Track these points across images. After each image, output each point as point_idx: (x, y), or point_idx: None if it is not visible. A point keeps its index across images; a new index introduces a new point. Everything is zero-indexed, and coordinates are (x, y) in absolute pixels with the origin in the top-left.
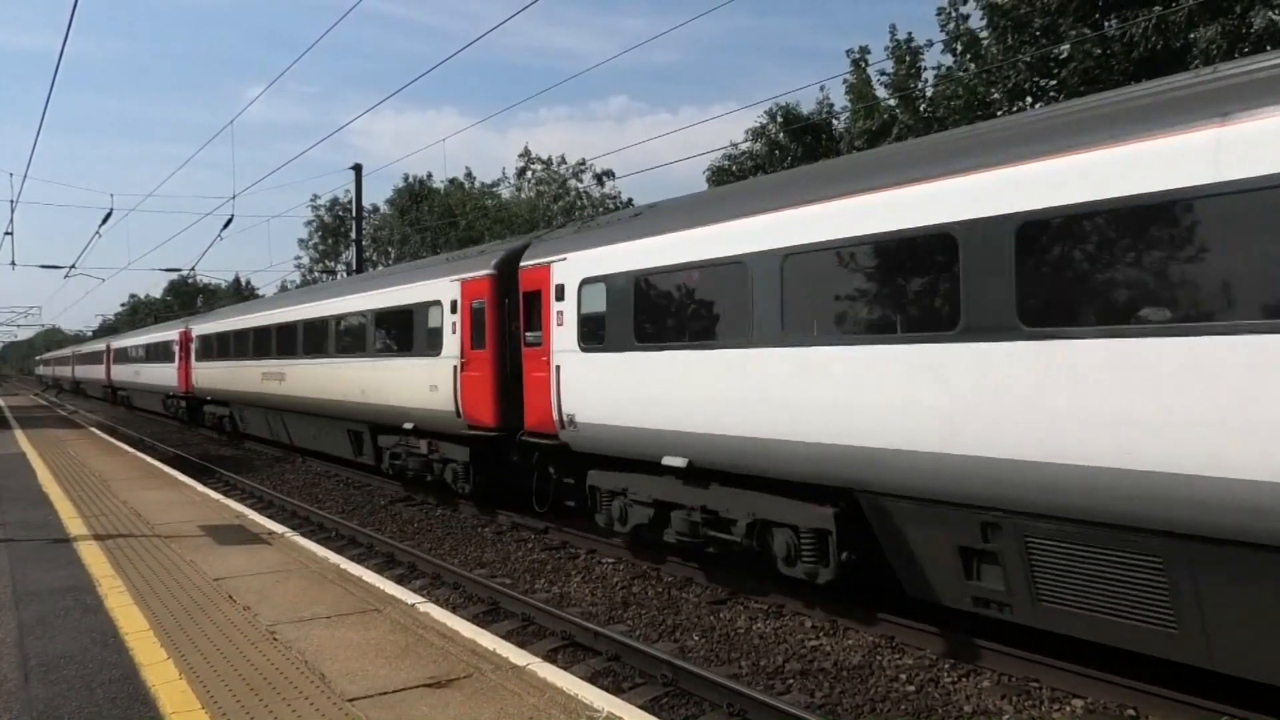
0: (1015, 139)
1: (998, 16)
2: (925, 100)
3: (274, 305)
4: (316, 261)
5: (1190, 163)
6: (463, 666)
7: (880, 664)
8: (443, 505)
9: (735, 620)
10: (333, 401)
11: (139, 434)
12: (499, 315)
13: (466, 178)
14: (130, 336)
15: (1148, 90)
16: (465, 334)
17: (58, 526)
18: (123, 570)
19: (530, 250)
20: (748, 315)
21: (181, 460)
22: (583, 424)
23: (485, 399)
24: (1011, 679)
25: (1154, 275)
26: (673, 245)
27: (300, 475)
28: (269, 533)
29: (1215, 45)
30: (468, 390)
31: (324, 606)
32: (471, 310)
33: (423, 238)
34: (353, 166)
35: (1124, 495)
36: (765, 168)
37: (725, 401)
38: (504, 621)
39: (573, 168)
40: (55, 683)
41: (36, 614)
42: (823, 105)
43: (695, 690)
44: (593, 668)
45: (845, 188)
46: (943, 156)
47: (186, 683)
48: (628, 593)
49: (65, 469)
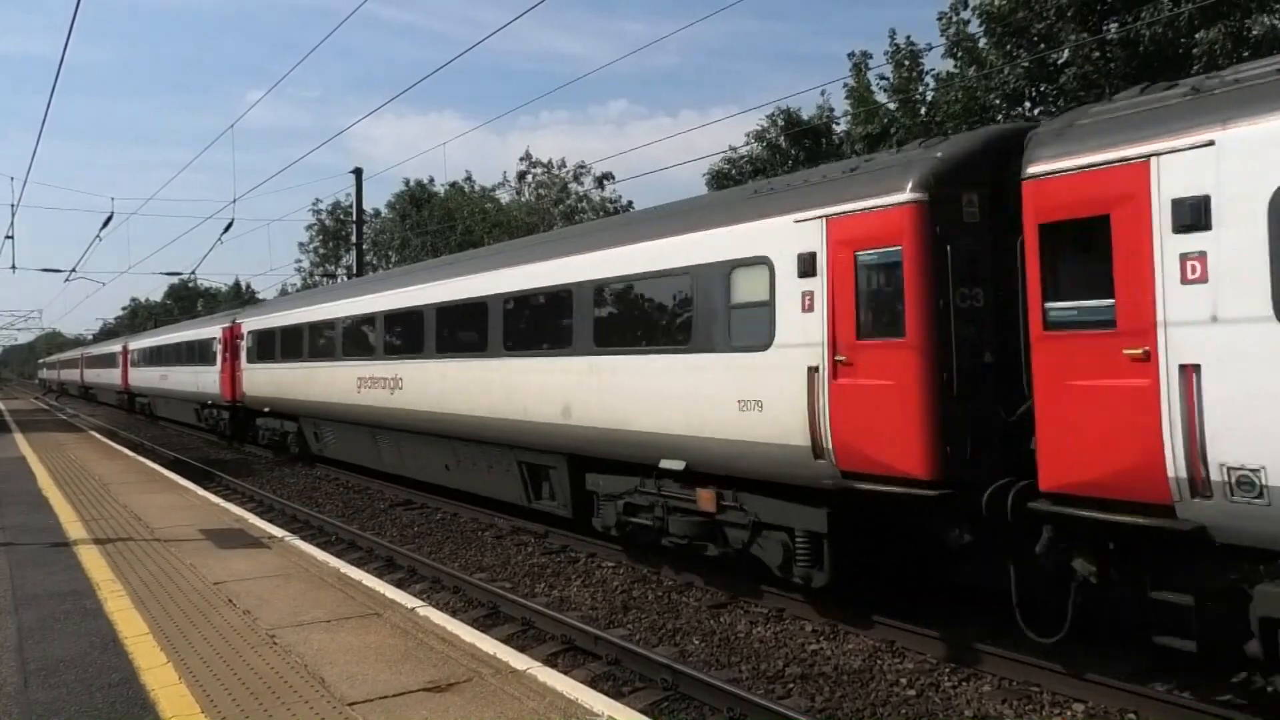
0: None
1: (994, 24)
2: (925, 104)
3: (375, 287)
4: (317, 265)
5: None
6: (463, 671)
7: (880, 668)
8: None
9: (735, 624)
10: (496, 420)
11: (139, 438)
12: (931, 274)
13: (466, 181)
14: (155, 335)
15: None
16: (843, 310)
17: (57, 530)
18: (122, 574)
19: (1053, 142)
20: None
21: (181, 464)
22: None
23: (902, 427)
24: (1012, 683)
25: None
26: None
27: (300, 479)
28: (269, 537)
29: (1218, 47)
30: (851, 411)
31: (324, 610)
32: (860, 270)
33: (423, 241)
34: (353, 170)
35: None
36: (766, 171)
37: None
38: (504, 625)
39: (573, 170)
40: (55, 687)
41: (36, 618)
42: (823, 110)
43: (696, 694)
44: (593, 672)
45: None
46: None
47: (186, 687)
48: (628, 597)
49: (65, 473)
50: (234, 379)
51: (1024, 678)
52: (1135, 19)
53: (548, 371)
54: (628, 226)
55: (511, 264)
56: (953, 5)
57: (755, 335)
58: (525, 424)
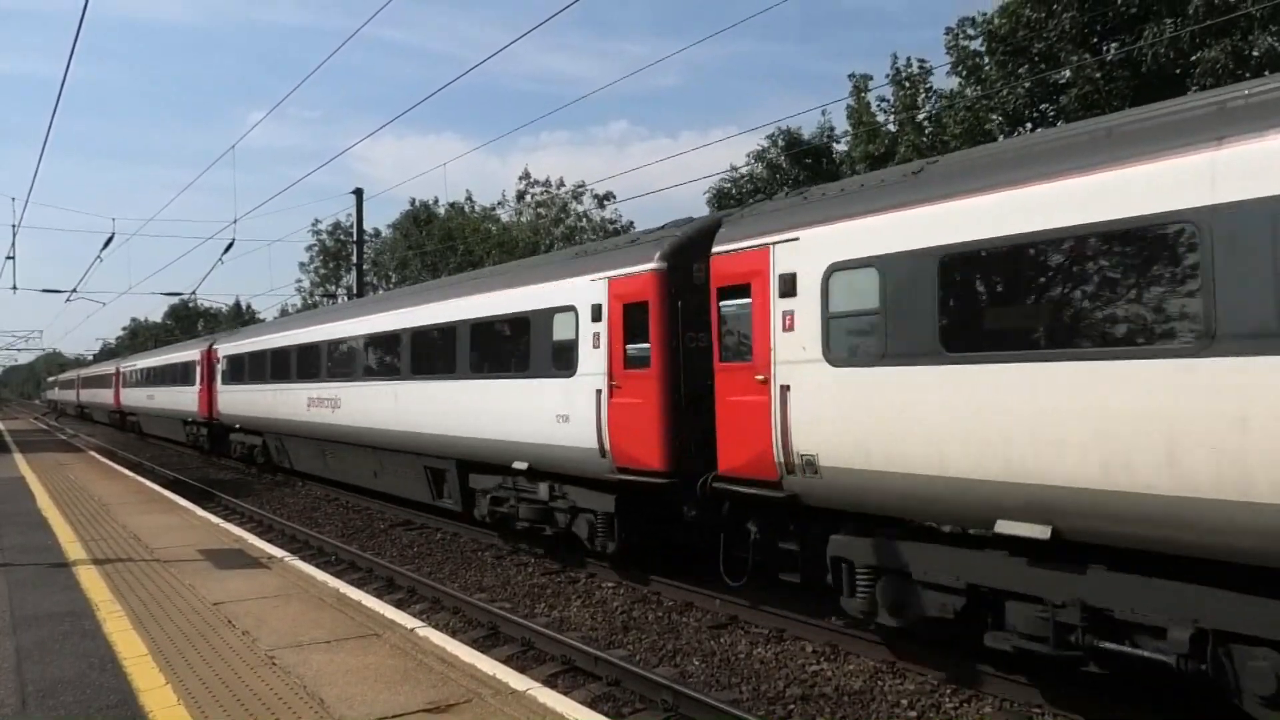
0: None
1: (996, 44)
2: (930, 122)
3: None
4: (317, 285)
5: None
6: (462, 691)
7: (881, 689)
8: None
9: (736, 645)
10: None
11: (138, 457)
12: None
13: (466, 200)
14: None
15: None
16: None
17: (56, 551)
18: (121, 595)
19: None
20: None
21: (181, 484)
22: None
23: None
24: (1013, 705)
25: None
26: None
27: (300, 499)
28: (268, 557)
29: (1219, 67)
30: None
31: (323, 631)
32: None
33: (423, 261)
34: (354, 191)
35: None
36: (766, 190)
37: None
38: (504, 646)
39: (572, 190)
40: (53, 708)
41: (35, 639)
42: (823, 129)
43: (696, 715)
44: (593, 693)
45: None
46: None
47: (185, 708)
48: (628, 617)
49: (64, 493)
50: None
51: (1026, 699)
52: (1136, 39)
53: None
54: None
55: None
56: (959, 23)
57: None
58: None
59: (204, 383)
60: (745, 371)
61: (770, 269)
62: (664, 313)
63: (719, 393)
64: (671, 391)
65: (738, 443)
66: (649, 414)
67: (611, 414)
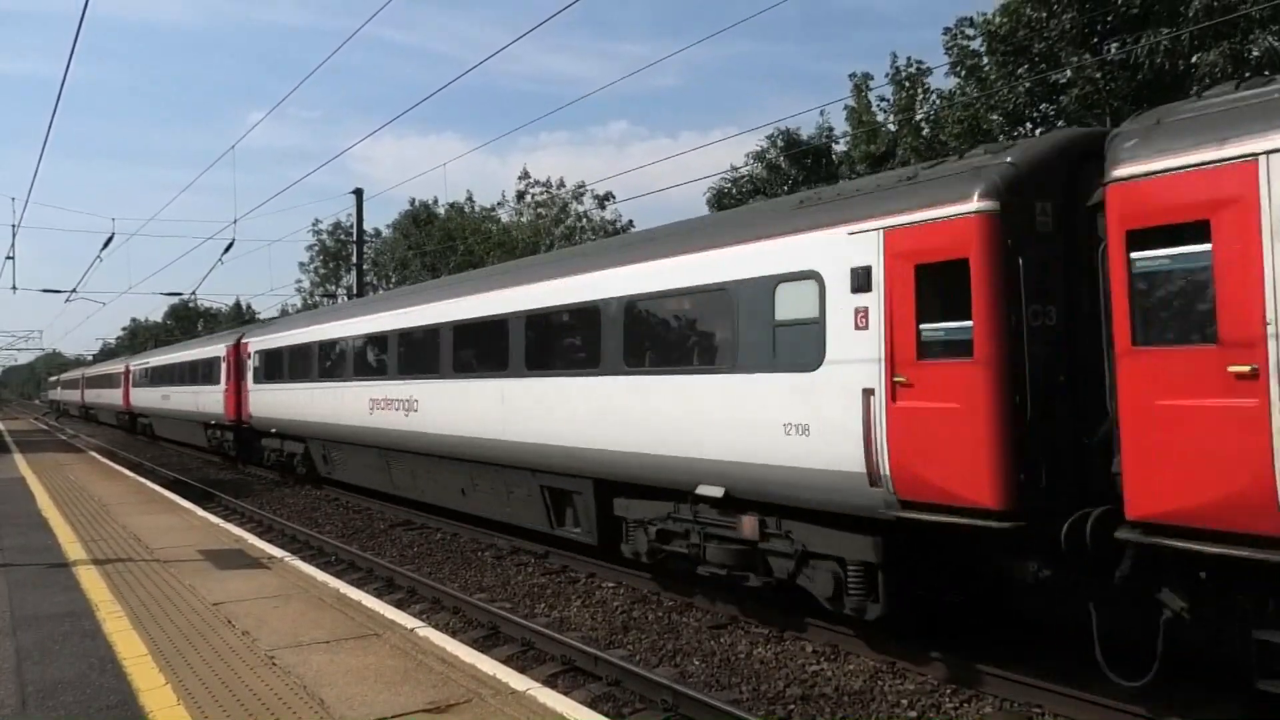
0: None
1: (996, 43)
2: (930, 122)
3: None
4: (317, 285)
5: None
6: (462, 691)
7: (881, 689)
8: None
9: (736, 645)
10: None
11: (138, 458)
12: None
13: (467, 201)
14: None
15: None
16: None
17: (56, 551)
18: (121, 595)
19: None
20: None
21: (181, 485)
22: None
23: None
24: (1014, 705)
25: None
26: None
27: (300, 500)
28: (268, 557)
29: (1219, 69)
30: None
31: (323, 631)
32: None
33: (423, 261)
34: (354, 191)
35: None
36: (765, 191)
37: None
38: (504, 646)
39: (572, 190)
40: (53, 708)
41: (34, 639)
42: (822, 130)
43: (696, 715)
44: (593, 693)
45: None
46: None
47: (185, 708)
48: (628, 617)
49: (64, 493)
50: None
51: (1026, 699)
52: (1136, 40)
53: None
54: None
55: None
56: (958, 23)
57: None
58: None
59: (231, 381)
60: (1200, 359)
61: (1263, 192)
62: (997, 276)
63: (1132, 393)
64: (1011, 392)
65: (1183, 472)
66: (973, 425)
67: (894, 423)
